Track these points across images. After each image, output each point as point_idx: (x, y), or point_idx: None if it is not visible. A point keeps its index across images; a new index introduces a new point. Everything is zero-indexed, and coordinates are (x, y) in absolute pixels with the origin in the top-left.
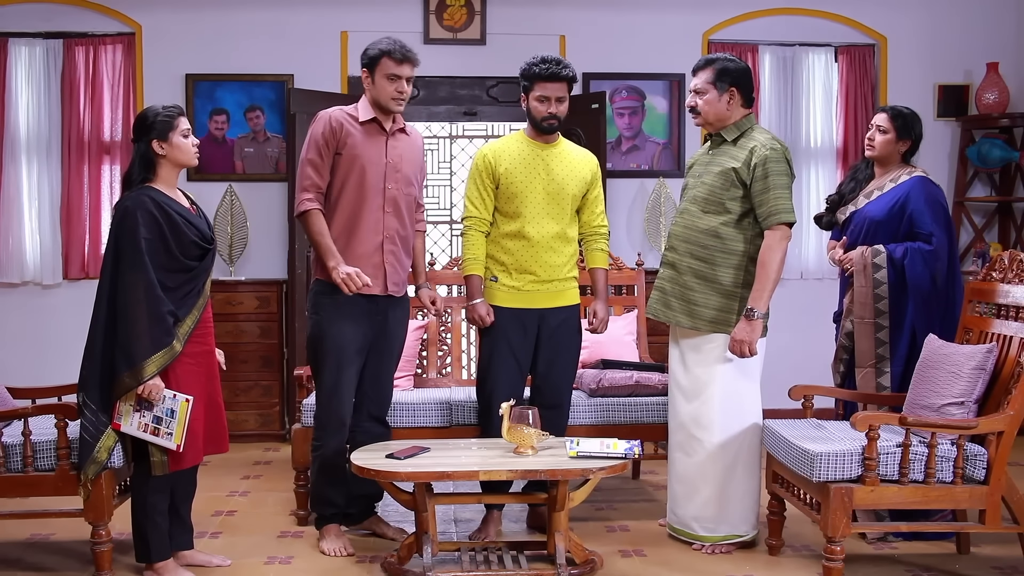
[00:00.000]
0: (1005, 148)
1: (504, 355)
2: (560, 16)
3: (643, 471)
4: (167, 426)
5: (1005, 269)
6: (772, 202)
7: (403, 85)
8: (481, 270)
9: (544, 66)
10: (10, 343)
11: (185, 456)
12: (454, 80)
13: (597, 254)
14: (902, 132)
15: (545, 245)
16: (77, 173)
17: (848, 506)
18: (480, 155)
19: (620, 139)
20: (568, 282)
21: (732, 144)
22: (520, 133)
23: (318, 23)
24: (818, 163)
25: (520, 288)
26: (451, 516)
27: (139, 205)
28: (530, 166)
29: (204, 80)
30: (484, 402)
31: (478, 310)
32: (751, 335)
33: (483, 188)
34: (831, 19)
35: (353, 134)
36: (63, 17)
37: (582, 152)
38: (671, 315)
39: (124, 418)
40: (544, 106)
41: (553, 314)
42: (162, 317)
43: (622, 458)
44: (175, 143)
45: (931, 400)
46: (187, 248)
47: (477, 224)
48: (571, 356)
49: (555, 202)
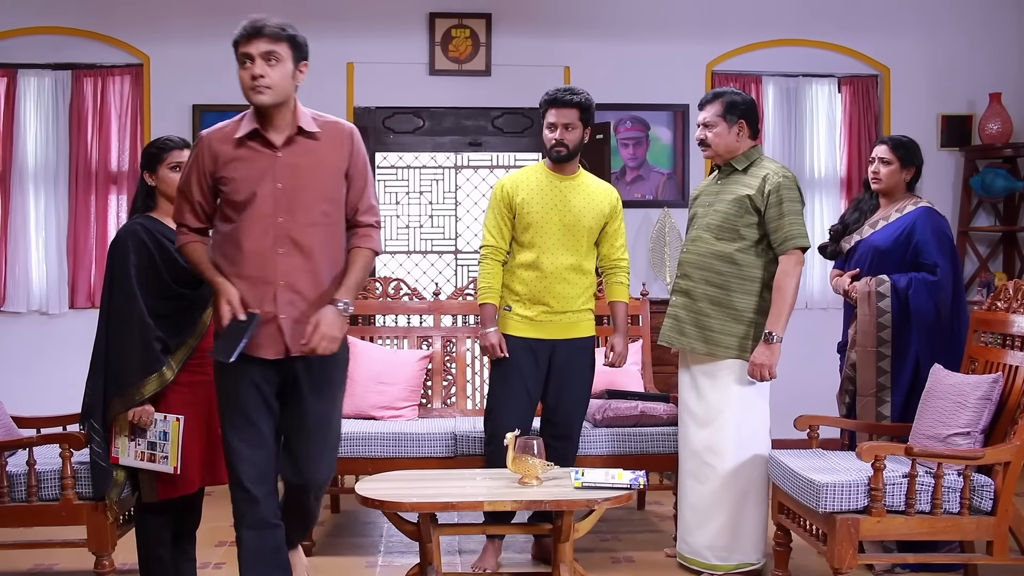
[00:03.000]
0: (1009, 178)
1: (514, 385)
2: (565, 47)
3: (648, 501)
4: (162, 450)
5: (1010, 299)
6: (787, 227)
7: (257, 67)
8: (496, 299)
9: (552, 92)
10: (16, 372)
11: (176, 483)
12: (459, 111)
13: (617, 287)
14: (905, 161)
15: (558, 276)
16: (84, 203)
17: (854, 537)
18: (499, 185)
19: (624, 169)
20: (583, 314)
21: (743, 173)
22: (540, 164)
23: (324, 54)
24: (822, 193)
25: (533, 318)
26: (455, 547)
27: (130, 234)
28: (547, 197)
29: (211, 110)
30: (490, 431)
31: (491, 339)
32: (771, 358)
33: (500, 218)
34: (834, 50)
35: (229, 156)
36: (72, 49)
37: (602, 185)
38: (685, 342)
39: (121, 451)
40: (551, 133)
41: (565, 345)
42: (149, 344)
43: (627, 489)
44: (161, 175)
45: (937, 430)
46: (179, 275)
47: (493, 253)
48: (583, 388)
49: (571, 234)
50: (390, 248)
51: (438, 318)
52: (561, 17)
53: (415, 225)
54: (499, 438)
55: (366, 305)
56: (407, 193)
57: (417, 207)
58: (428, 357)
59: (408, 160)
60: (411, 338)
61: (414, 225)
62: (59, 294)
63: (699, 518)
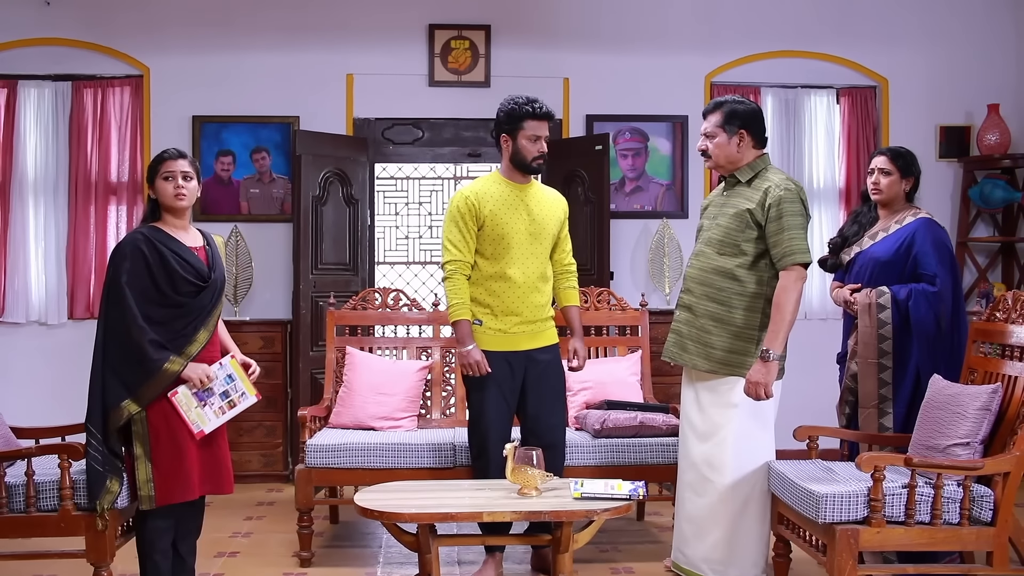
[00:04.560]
0: (1007, 189)
1: (495, 398)
2: (564, 59)
3: (648, 512)
4: (236, 391)
5: (1009, 309)
6: (787, 243)
7: None
8: (469, 314)
9: (536, 105)
10: (15, 382)
11: (173, 492)
12: (459, 122)
13: (570, 292)
14: (905, 171)
15: (530, 286)
16: (84, 214)
17: (854, 548)
18: (461, 197)
19: (624, 180)
20: (548, 322)
21: (746, 185)
22: (495, 174)
23: (324, 66)
24: (821, 204)
25: (506, 331)
26: (455, 558)
27: (128, 242)
28: (512, 208)
29: (211, 122)
30: (478, 446)
31: (474, 355)
32: (766, 377)
33: (466, 231)
34: (833, 61)
35: None
36: (72, 60)
37: (553, 192)
38: (687, 358)
39: (202, 422)
40: (535, 145)
41: (538, 354)
42: (146, 343)
43: (627, 499)
44: (157, 187)
45: (936, 441)
46: (178, 284)
47: (461, 268)
48: (561, 394)
49: (537, 242)
50: (389, 259)
51: (437, 329)
52: (560, 29)
53: (414, 236)
54: (487, 452)
55: (365, 316)
56: (406, 204)
57: (416, 218)
58: (427, 368)
59: (407, 171)
60: (410, 349)
61: (413, 236)
62: (58, 305)
63: (696, 530)
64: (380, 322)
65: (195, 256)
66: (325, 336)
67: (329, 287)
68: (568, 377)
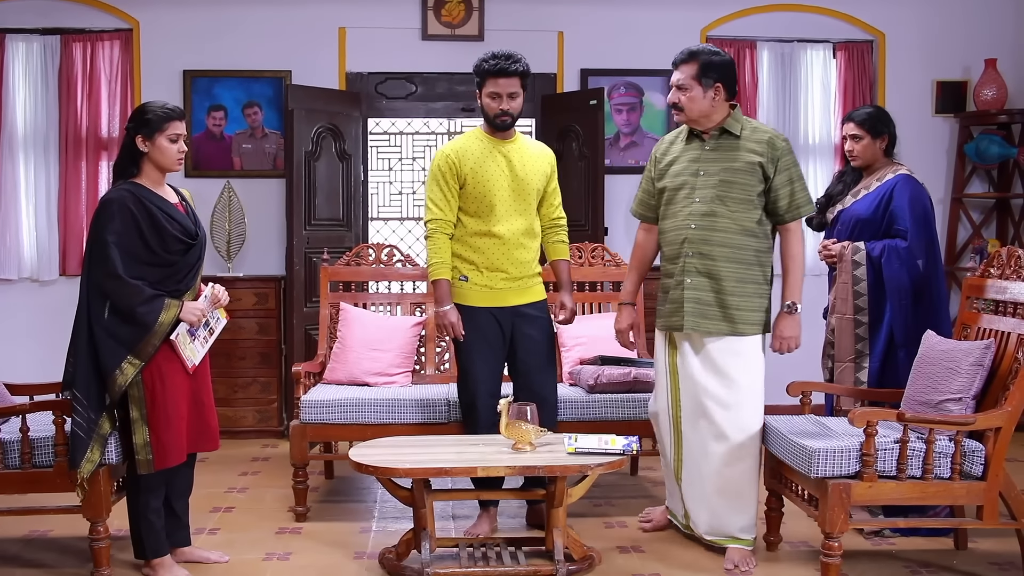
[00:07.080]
0: (1003, 144)
1: (483, 354)
2: (558, 12)
3: (641, 467)
4: (214, 318)
5: (1003, 265)
6: (798, 194)
7: None
8: (449, 274)
9: (493, 62)
10: (7, 339)
11: (168, 455)
12: (452, 76)
13: (559, 246)
14: (875, 132)
15: (515, 242)
16: (74, 169)
17: (846, 502)
18: (442, 155)
19: (618, 135)
20: (535, 278)
21: (739, 138)
22: (478, 130)
23: (316, 19)
24: (816, 159)
25: (492, 287)
26: (449, 512)
27: (114, 200)
28: (494, 164)
29: (202, 76)
30: (467, 401)
31: (448, 316)
32: (795, 330)
33: (447, 189)
34: (829, 15)
35: None
36: (61, 13)
37: (539, 146)
38: (711, 325)
39: (193, 356)
40: (496, 103)
41: (526, 309)
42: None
43: (620, 454)
44: (159, 144)
45: (929, 396)
46: (168, 243)
47: (443, 227)
48: (550, 348)
49: (520, 198)
50: (383, 215)
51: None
52: None
53: (408, 191)
54: (476, 408)
55: (359, 272)
56: (400, 159)
57: (410, 173)
58: (421, 324)
59: (400, 126)
60: (404, 304)
61: (407, 191)
62: (50, 261)
63: (735, 500)
64: (374, 278)
65: (181, 213)
66: (319, 292)
67: (323, 243)
68: (561, 333)
